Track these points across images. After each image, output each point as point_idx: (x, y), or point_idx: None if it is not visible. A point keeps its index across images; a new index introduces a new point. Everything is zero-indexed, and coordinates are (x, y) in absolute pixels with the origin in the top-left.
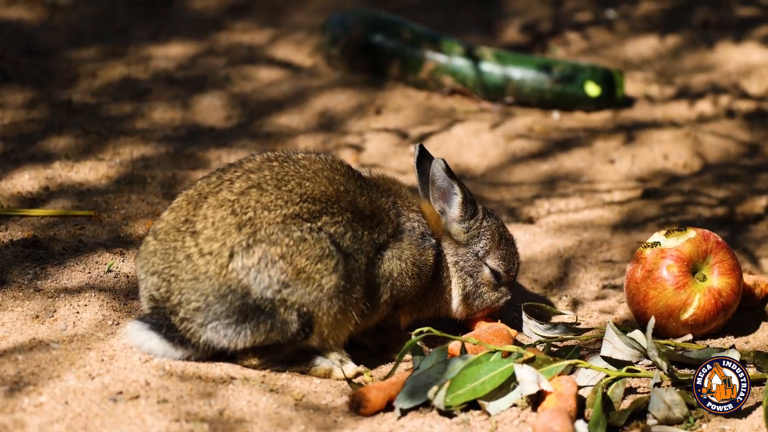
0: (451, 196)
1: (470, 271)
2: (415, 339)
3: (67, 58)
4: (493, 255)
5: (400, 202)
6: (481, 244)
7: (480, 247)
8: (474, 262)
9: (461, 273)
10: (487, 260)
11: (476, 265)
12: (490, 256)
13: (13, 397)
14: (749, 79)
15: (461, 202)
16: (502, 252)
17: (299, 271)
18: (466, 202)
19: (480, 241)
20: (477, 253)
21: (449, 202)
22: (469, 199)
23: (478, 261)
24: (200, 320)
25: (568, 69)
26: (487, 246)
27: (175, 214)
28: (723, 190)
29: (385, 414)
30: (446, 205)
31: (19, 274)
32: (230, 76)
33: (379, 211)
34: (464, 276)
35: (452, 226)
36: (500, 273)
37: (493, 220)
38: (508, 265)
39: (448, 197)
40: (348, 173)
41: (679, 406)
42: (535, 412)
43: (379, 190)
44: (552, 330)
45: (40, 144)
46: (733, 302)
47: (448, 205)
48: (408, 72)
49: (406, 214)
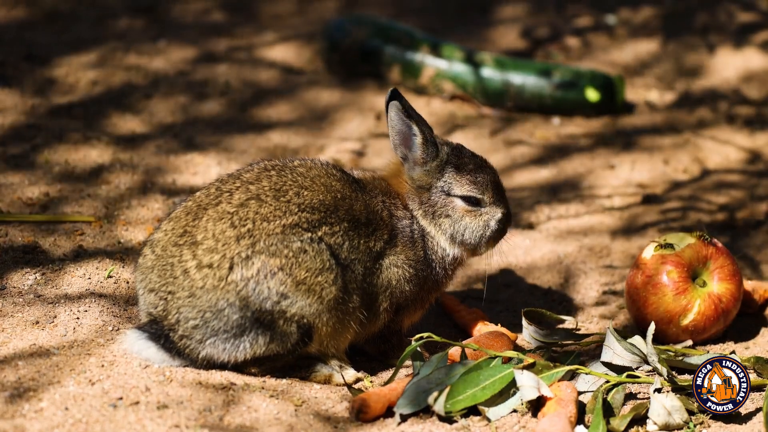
0: (410, 138)
1: (442, 212)
2: (415, 345)
3: (67, 63)
4: (458, 182)
5: (387, 200)
6: (444, 178)
7: (443, 181)
8: (443, 201)
9: (435, 218)
10: (455, 191)
11: (446, 203)
12: (455, 185)
13: (14, 403)
14: (749, 85)
15: (421, 142)
16: (467, 176)
17: (299, 282)
18: (427, 142)
19: (443, 176)
20: (443, 189)
21: (410, 145)
22: (429, 140)
23: (446, 197)
24: (199, 337)
25: (569, 75)
26: (450, 178)
27: (174, 224)
28: (723, 196)
29: (386, 420)
30: (407, 150)
31: (19, 280)
32: (231, 81)
33: (374, 215)
34: (439, 220)
35: (414, 171)
36: (476, 197)
37: (450, 148)
38: (481, 186)
39: (407, 140)
40: (343, 178)
41: (679, 411)
42: (535, 418)
43: (369, 191)
44: (552, 335)
45: (41, 149)
46: (733, 308)
47: (408, 149)
48: (408, 77)
49: (395, 212)
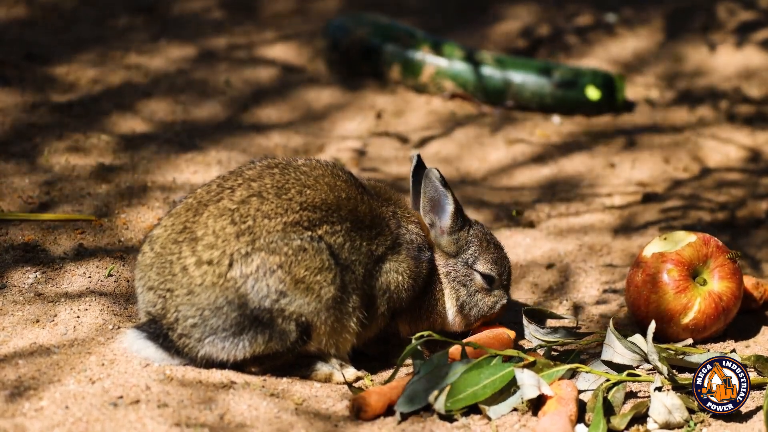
0: (443, 207)
1: (462, 281)
2: (416, 343)
3: (67, 62)
4: (483, 260)
5: (399, 212)
6: (470, 252)
7: (469, 254)
8: (465, 271)
9: (453, 283)
10: (477, 266)
11: (467, 273)
12: (480, 261)
13: (14, 402)
14: (750, 83)
15: (453, 213)
16: (491, 256)
17: (297, 281)
18: (457, 213)
19: (468, 249)
20: (466, 261)
21: (441, 213)
22: (459, 210)
23: (468, 269)
24: (197, 335)
25: (569, 73)
26: (475, 253)
27: (174, 220)
28: (723, 195)
29: (386, 418)
30: (437, 217)
31: (19, 279)
32: (231, 79)
33: (380, 220)
34: (457, 286)
35: (442, 239)
36: (492, 276)
37: (479, 228)
38: (499, 268)
39: (439, 208)
40: (349, 180)
41: (679, 410)
42: (535, 417)
43: (380, 199)
44: (552, 334)
45: (41, 148)
46: (733, 306)
47: (438, 216)
48: (408, 76)
49: (405, 225)
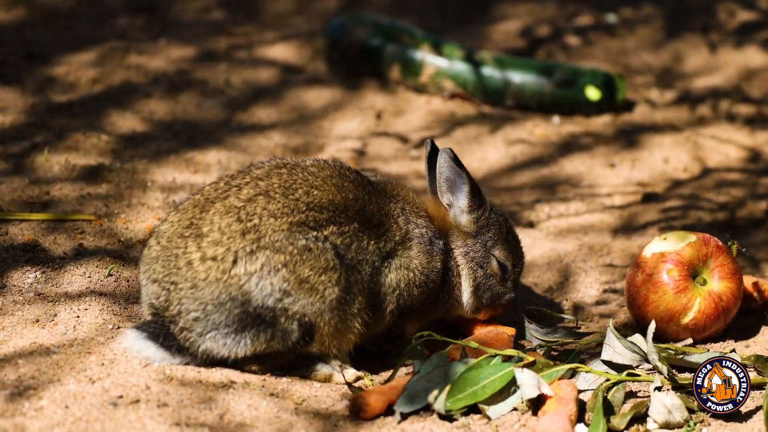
0: (459, 186)
1: (480, 262)
2: (415, 343)
3: (67, 62)
4: (501, 247)
5: (408, 208)
6: (490, 235)
7: (488, 237)
8: (483, 253)
9: (472, 264)
10: (495, 252)
11: (485, 255)
12: (498, 247)
13: (14, 402)
14: (750, 83)
15: (469, 191)
16: (509, 245)
17: (302, 280)
18: (474, 192)
19: (488, 232)
20: (485, 244)
21: (458, 192)
22: (477, 190)
23: (486, 252)
24: (199, 330)
25: (569, 73)
26: (495, 237)
27: (181, 215)
28: (723, 195)
29: (386, 418)
30: (453, 197)
31: (19, 278)
32: (231, 79)
33: (388, 218)
34: (474, 267)
35: (461, 218)
36: (507, 266)
37: (498, 213)
38: (514, 259)
39: (455, 188)
40: (357, 180)
41: (679, 410)
42: (535, 416)
43: (388, 196)
44: (552, 334)
45: (41, 148)
46: (733, 306)
47: (455, 196)
48: (408, 76)
49: (415, 220)
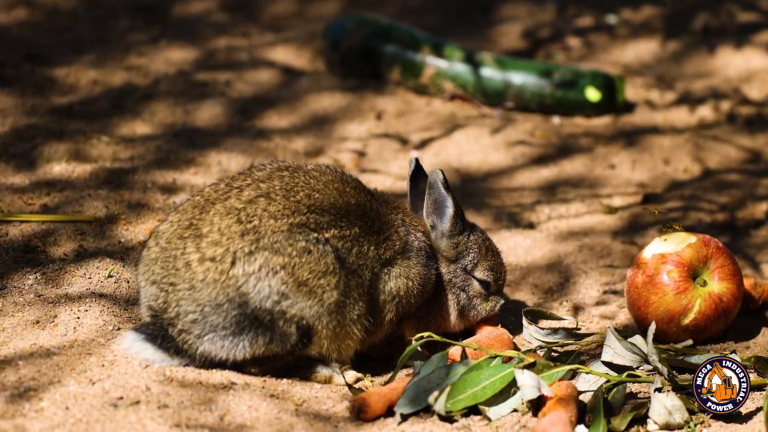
0: (443, 209)
1: (461, 286)
2: (416, 344)
3: (67, 63)
4: (481, 267)
5: (408, 220)
6: (469, 258)
7: (468, 261)
8: (464, 277)
9: (454, 289)
10: (476, 273)
11: (465, 279)
12: (478, 268)
13: (14, 403)
14: (750, 85)
15: (452, 215)
16: (489, 263)
17: (300, 283)
18: (457, 217)
19: (467, 256)
20: (465, 268)
21: (441, 215)
22: (460, 214)
23: (466, 275)
24: (197, 332)
25: (569, 74)
26: (474, 260)
27: (180, 216)
28: (724, 196)
29: (386, 419)
30: (438, 220)
31: (19, 280)
32: (231, 81)
33: (389, 227)
34: (457, 291)
35: (441, 242)
36: (489, 283)
37: (478, 234)
38: (495, 274)
39: (440, 211)
40: (358, 186)
41: (679, 411)
42: (535, 418)
43: (388, 206)
44: (553, 335)
45: (41, 149)
46: (733, 307)
47: (439, 219)
48: (409, 77)
49: (414, 232)
